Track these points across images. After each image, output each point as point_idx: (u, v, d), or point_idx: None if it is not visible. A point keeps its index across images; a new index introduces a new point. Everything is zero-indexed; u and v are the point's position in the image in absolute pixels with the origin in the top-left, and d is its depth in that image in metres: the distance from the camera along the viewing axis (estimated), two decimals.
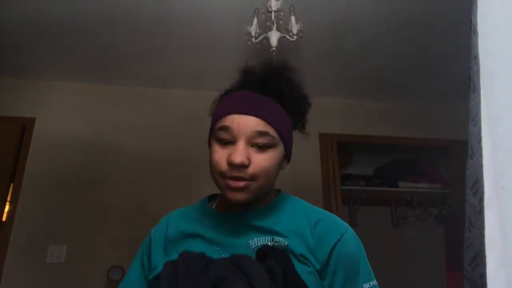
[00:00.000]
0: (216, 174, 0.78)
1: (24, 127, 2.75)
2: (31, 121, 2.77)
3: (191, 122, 2.97)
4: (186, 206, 0.93)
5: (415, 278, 2.92)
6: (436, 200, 3.32)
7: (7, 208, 2.61)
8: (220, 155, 0.77)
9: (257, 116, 0.78)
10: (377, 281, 0.80)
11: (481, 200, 0.44)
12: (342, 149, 3.17)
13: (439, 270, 3.09)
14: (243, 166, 0.75)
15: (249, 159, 0.76)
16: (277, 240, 0.77)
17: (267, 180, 0.79)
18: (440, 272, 3.08)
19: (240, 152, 0.75)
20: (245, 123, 0.77)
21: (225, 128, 0.77)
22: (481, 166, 0.44)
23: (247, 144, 0.77)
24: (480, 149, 0.44)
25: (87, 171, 2.72)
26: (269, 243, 0.76)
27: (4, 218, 2.58)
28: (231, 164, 0.75)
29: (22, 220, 2.54)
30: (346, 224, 0.85)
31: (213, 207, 0.88)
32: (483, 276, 0.42)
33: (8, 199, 2.62)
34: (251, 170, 0.76)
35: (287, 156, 0.85)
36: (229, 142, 0.77)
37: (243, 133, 0.76)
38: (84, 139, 2.79)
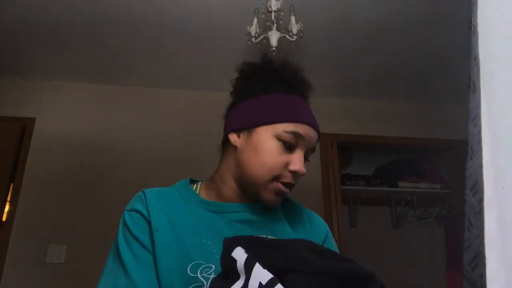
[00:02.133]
0: (267, 176, 0.76)
1: (24, 127, 2.75)
2: (31, 121, 2.77)
3: (191, 122, 2.98)
4: (159, 188, 0.84)
5: (415, 278, 2.92)
6: (436, 200, 3.33)
7: (7, 208, 2.61)
8: (281, 158, 0.77)
9: (317, 130, 0.82)
10: None
11: (480, 200, 0.44)
12: (342, 149, 3.17)
13: (439, 270, 3.09)
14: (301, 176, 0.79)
15: None
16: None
17: None
18: (440, 272, 3.08)
19: (303, 163, 0.78)
20: (311, 136, 0.80)
21: (297, 135, 0.77)
22: (481, 166, 0.44)
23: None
24: (480, 149, 0.44)
25: (87, 171, 2.72)
26: None
27: (4, 218, 2.58)
28: (294, 173, 0.77)
29: (22, 220, 2.54)
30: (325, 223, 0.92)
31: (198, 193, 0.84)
32: (482, 276, 0.42)
33: (8, 199, 2.62)
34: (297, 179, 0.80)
35: None
36: (291, 146, 0.78)
37: (307, 145, 0.79)
38: (84, 139, 2.79)
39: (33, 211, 2.58)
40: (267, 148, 0.76)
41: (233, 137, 0.81)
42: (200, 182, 0.87)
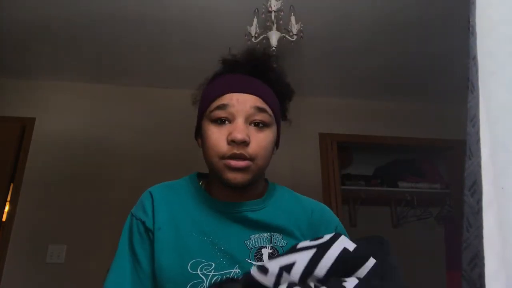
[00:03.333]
0: (215, 157, 0.75)
1: (24, 127, 2.75)
2: (31, 121, 2.77)
3: (191, 122, 2.97)
4: (169, 182, 0.88)
5: (415, 278, 2.92)
6: (436, 200, 3.32)
7: (7, 208, 2.62)
8: (218, 135, 0.75)
9: (255, 94, 0.78)
10: None
11: (479, 200, 0.44)
12: (342, 149, 3.17)
13: (439, 270, 3.09)
14: (245, 144, 0.73)
15: (249, 137, 0.74)
16: (276, 240, 0.76)
17: (265, 160, 0.77)
18: (440, 272, 3.08)
19: (241, 129, 0.73)
20: (244, 100, 0.76)
21: (223, 107, 0.76)
22: (479, 166, 0.44)
23: (245, 122, 0.75)
24: (478, 149, 0.44)
25: (87, 171, 2.72)
26: (268, 246, 0.75)
27: (4, 218, 2.58)
28: (232, 142, 0.73)
29: (22, 220, 2.55)
30: (336, 217, 0.87)
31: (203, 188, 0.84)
32: (481, 276, 0.42)
33: (8, 199, 2.62)
34: (251, 149, 0.74)
35: (277, 141, 0.84)
36: (226, 121, 0.76)
37: (242, 110, 0.75)
38: (84, 139, 2.80)
39: (33, 211, 2.58)
40: (207, 134, 0.77)
41: (198, 142, 0.86)
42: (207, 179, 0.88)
